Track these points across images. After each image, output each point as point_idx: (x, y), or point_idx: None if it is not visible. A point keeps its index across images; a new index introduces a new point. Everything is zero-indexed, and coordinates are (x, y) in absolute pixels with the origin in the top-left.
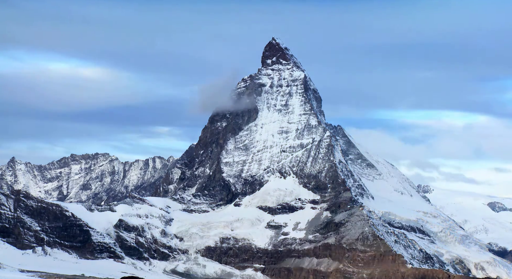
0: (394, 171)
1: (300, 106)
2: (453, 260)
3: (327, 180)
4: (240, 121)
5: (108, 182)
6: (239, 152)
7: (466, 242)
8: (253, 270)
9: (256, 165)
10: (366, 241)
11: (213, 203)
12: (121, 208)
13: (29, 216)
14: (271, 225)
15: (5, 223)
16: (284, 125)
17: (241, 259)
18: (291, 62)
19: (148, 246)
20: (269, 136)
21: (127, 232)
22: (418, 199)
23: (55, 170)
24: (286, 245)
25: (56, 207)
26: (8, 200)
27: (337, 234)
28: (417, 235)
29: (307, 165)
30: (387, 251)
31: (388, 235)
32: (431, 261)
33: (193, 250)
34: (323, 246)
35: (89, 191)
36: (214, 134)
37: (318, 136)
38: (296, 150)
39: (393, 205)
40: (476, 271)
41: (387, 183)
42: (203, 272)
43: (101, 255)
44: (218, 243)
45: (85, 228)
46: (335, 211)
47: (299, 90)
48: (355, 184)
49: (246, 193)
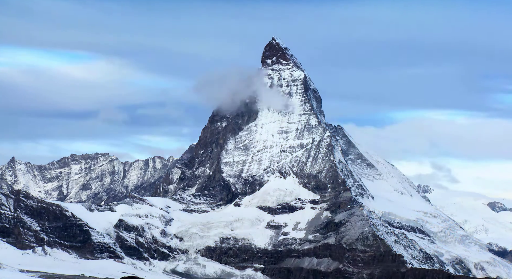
0: (394, 171)
1: (300, 106)
2: (453, 260)
3: (327, 180)
4: (240, 121)
5: (108, 182)
6: (239, 152)
7: (466, 242)
8: (253, 270)
9: (256, 165)
10: (366, 241)
11: (213, 203)
12: (121, 208)
13: (29, 216)
14: (271, 225)
15: (5, 223)
16: (284, 125)
17: (241, 259)
18: (291, 62)
19: (148, 246)
20: (269, 136)
21: (127, 232)
22: (418, 199)
23: (55, 170)
24: (286, 245)
25: (56, 207)
26: (8, 200)
27: (337, 234)
28: (417, 235)
29: (307, 165)
30: (387, 251)
31: (388, 235)
32: (431, 261)
33: (193, 250)
34: (323, 246)
35: (89, 191)
36: (214, 134)
37: (318, 136)
38: (296, 150)
39: (393, 205)
40: (476, 271)
41: (387, 183)
42: (203, 272)
43: (101, 255)
44: (218, 243)
45: (85, 228)
46: (335, 211)
47: (299, 90)
48: (355, 184)
49: (246, 193)
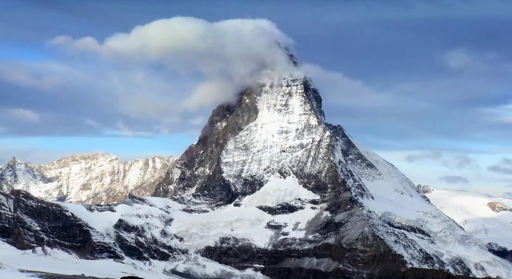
0: (394, 171)
1: (300, 106)
2: (453, 260)
3: (327, 180)
4: (240, 121)
5: (108, 182)
6: (239, 152)
7: (466, 242)
8: (253, 270)
9: (256, 165)
10: (366, 241)
11: (213, 203)
12: (121, 208)
13: (29, 216)
14: (271, 225)
15: (5, 223)
16: (284, 125)
17: (241, 259)
18: (291, 62)
19: (148, 246)
20: (269, 136)
21: (127, 232)
22: (418, 199)
23: (55, 170)
24: (286, 245)
25: (56, 207)
26: (8, 200)
27: (337, 234)
28: (417, 235)
29: (307, 165)
30: (387, 251)
31: (388, 235)
32: (431, 261)
33: (193, 250)
34: (323, 246)
35: (89, 191)
36: (214, 134)
37: (318, 136)
38: (296, 150)
39: (393, 205)
40: (476, 271)
41: (387, 183)
42: (203, 272)
43: (101, 255)
44: (218, 243)
45: (85, 228)
46: (335, 211)
47: (299, 90)
48: (355, 184)
49: (246, 193)
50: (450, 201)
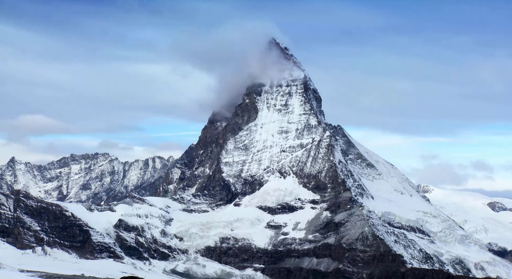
0: (394, 171)
1: (300, 106)
2: (453, 260)
3: (327, 180)
4: (240, 121)
5: (108, 182)
6: (239, 152)
7: (466, 242)
8: (253, 270)
9: (256, 165)
10: (366, 241)
11: (213, 203)
12: (121, 208)
13: (29, 216)
14: (271, 225)
15: (5, 223)
16: (284, 125)
17: (241, 259)
18: (291, 62)
19: (148, 246)
20: (269, 136)
21: (127, 232)
22: (418, 199)
23: (55, 170)
24: (286, 245)
25: (56, 207)
26: (8, 200)
27: (337, 234)
28: (417, 235)
29: (307, 165)
30: (387, 251)
31: (388, 235)
32: (431, 261)
33: (193, 250)
34: (323, 246)
35: (89, 191)
36: (214, 134)
37: (318, 136)
38: (296, 150)
39: (393, 205)
40: (476, 271)
41: (387, 183)
42: (203, 272)
43: (101, 255)
44: (218, 243)
45: (85, 228)
46: (335, 211)
47: (299, 90)
48: (355, 184)
49: (246, 193)
50: (450, 201)
